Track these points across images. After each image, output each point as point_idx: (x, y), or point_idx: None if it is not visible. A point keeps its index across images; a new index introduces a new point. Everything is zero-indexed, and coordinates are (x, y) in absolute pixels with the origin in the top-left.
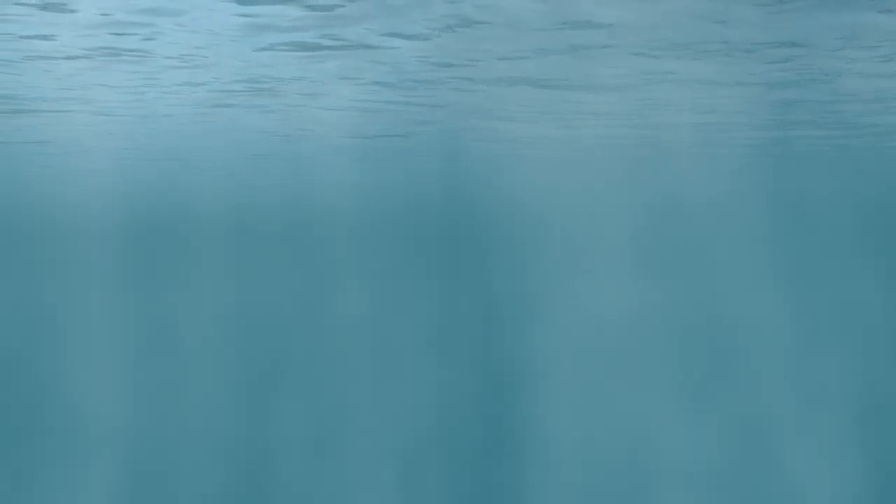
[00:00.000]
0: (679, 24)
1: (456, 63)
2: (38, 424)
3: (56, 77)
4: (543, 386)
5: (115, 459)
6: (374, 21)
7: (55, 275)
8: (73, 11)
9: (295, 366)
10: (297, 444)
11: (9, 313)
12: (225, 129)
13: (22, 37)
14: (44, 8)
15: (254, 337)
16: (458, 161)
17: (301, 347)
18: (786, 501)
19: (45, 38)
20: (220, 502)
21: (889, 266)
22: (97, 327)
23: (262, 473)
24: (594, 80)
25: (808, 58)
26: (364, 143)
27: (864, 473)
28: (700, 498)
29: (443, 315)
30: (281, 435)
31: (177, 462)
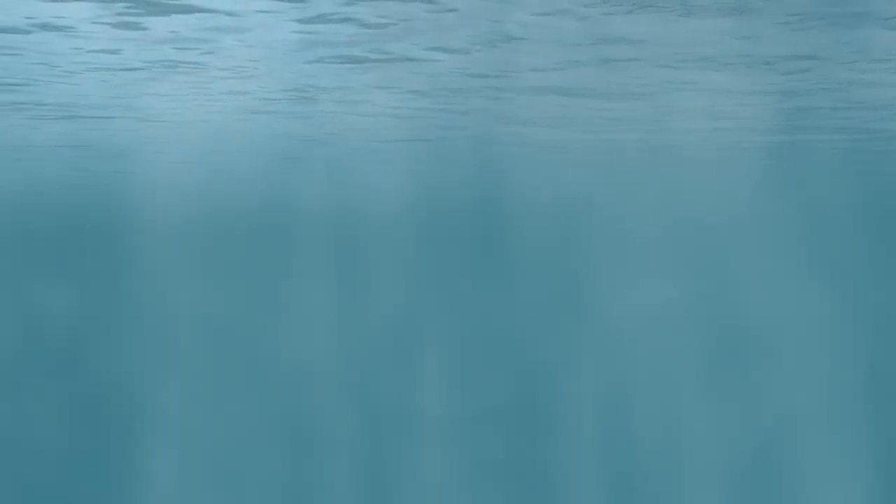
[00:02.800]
0: (705, 39)
1: (490, 74)
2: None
3: (110, 86)
4: (576, 385)
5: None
6: (420, 37)
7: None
8: (144, 29)
9: (308, 369)
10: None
11: (46, 314)
12: (258, 134)
13: (89, 51)
14: (117, 26)
15: (265, 340)
16: (482, 164)
17: (322, 350)
18: (807, 496)
19: (110, 52)
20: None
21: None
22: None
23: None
24: (619, 89)
25: (823, 69)
26: (392, 146)
27: (886, 470)
28: (727, 491)
29: (471, 315)
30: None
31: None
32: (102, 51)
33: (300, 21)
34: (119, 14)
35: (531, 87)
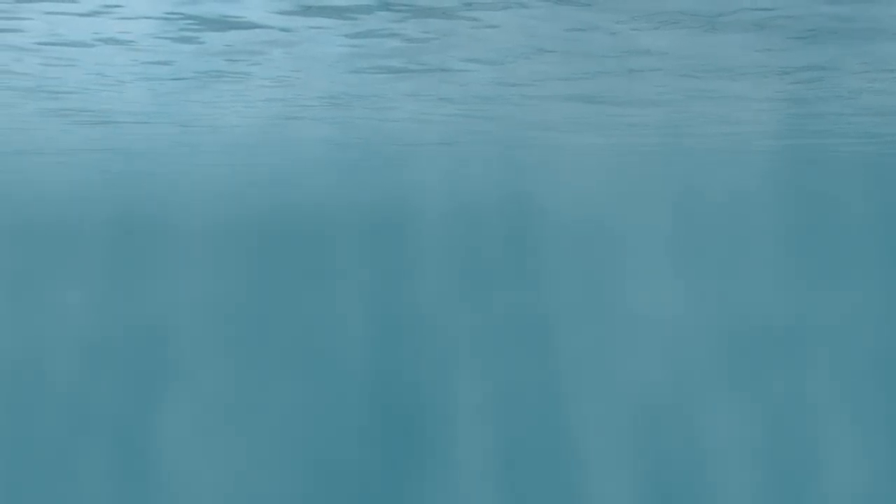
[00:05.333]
0: (726, 53)
1: (519, 83)
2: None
3: (156, 94)
4: (579, 386)
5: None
6: (459, 50)
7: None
8: (201, 43)
9: (303, 367)
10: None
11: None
12: (287, 139)
13: (144, 62)
14: (177, 40)
15: (273, 335)
16: (500, 167)
17: (322, 347)
18: (817, 498)
19: (163, 63)
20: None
21: None
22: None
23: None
24: (640, 97)
25: (834, 78)
26: (412, 150)
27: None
28: (735, 495)
29: (483, 317)
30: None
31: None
32: (156, 62)
33: (348, 36)
34: (181, 30)
35: (557, 95)
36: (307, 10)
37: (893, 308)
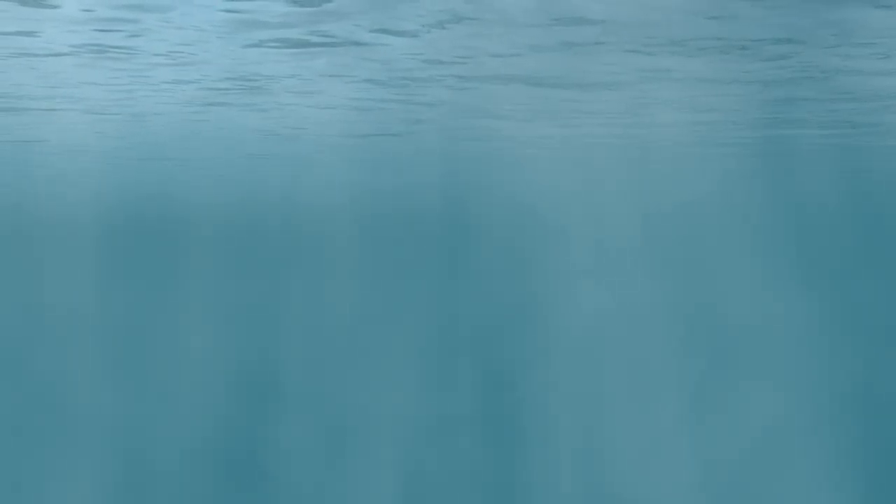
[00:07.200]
0: (671, 20)
1: (446, 60)
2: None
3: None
4: (544, 387)
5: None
6: (363, 17)
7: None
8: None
9: (290, 366)
10: (297, 446)
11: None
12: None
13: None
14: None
15: (249, 337)
16: (453, 160)
17: (296, 348)
18: (786, 502)
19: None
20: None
21: (888, 265)
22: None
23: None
24: (588, 78)
25: (803, 55)
26: (358, 141)
27: (866, 473)
28: (702, 498)
29: (440, 316)
30: (279, 437)
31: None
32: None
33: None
34: None
35: (493, 76)
36: None
37: (874, 305)
